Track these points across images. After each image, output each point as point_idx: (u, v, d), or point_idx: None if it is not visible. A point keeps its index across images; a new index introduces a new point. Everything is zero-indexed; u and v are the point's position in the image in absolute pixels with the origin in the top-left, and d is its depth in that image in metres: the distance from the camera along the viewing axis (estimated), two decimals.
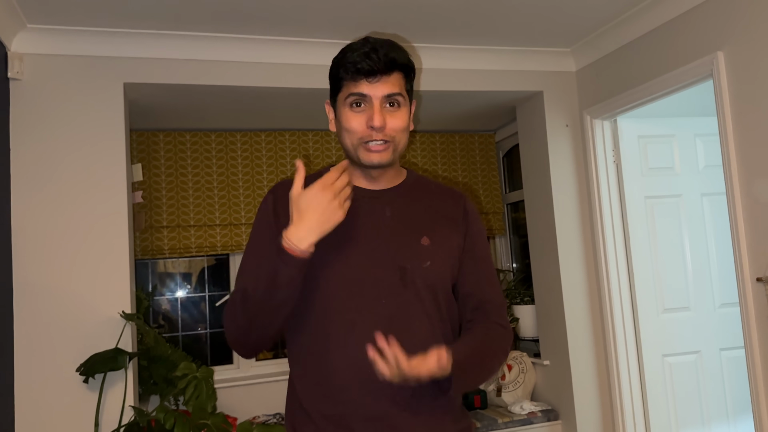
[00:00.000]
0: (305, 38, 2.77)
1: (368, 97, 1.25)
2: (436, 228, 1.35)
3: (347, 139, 1.29)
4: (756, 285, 2.27)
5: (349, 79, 1.26)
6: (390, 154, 1.28)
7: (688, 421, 3.00)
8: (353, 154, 1.30)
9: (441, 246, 1.33)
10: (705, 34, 2.45)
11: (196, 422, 2.25)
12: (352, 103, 1.27)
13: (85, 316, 2.44)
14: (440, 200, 1.41)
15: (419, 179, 1.44)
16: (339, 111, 1.31)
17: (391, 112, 1.27)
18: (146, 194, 3.32)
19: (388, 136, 1.27)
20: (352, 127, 1.27)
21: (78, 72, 2.55)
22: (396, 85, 1.27)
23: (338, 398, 1.24)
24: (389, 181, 1.37)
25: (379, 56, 1.24)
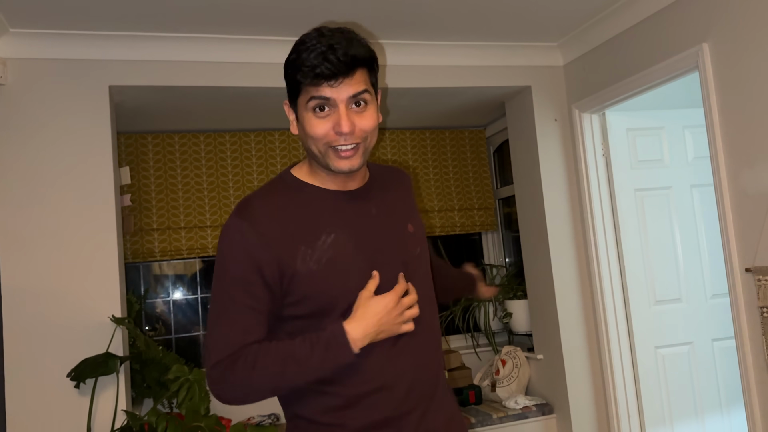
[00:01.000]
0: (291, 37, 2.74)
1: (332, 100, 1.16)
2: (410, 212, 1.38)
3: (313, 146, 1.20)
4: (745, 275, 2.27)
5: (308, 84, 1.16)
6: (360, 157, 1.21)
7: (682, 412, 3.01)
8: (321, 161, 1.22)
9: (420, 227, 1.37)
10: (690, 26, 2.45)
11: (190, 425, 2.25)
12: (315, 107, 1.18)
13: (75, 320, 2.43)
14: (398, 183, 1.42)
15: (374, 168, 1.40)
16: (301, 115, 1.21)
17: (358, 112, 1.19)
18: (136, 197, 3.30)
19: (358, 138, 1.19)
20: (317, 134, 1.18)
21: (63, 76, 2.53)
22: (360, 83, 1.18)
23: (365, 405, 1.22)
24: (361, 178, 1.32)
25: (338, 56, 1.14)
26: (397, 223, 1.32)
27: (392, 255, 1.27)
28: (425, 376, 1.27)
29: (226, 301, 1.19)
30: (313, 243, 1.20)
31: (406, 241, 1.30)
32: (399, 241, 1.29)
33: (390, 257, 1.26)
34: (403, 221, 1.33)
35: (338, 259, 1.21)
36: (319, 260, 1.19)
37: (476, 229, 3.97)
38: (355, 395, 1.20)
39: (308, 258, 1.19)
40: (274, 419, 3.26)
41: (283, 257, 1.17)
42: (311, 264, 1.18)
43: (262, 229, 1.18)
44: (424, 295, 1.29)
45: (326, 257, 1.20)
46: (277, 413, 3.34)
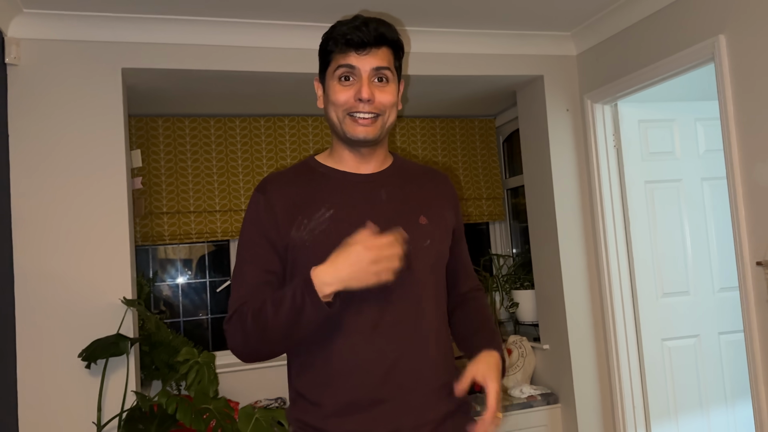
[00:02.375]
0: (305, 23, 2.75)
1: (357, 69, 1.25)
2: (430, 206, 1.36)
3: (333, 113, 1.28)
4: (756, 269, 2.27)
5: (338, 52, 1.26)
6: (378, 129, 1.28)
7: (687, 405, 3.02)
8: (339, 128, 1.29)
9: (438, 224, 1.34)
10: (706, 18, 2.43)
11: (198, 407, 2.26)
12: (341, 77, 1.26)
13: (86, 302, 2.45)
14: (428, 180, 1.42)
15: (405, 162, 1.44)
16: (327, 85, 1.30)
17: (379, 86, 1.27)
18: (146, 180, 3.31)
19: (376, 109, 1.26)
20: (338, 100, 1.26)
21: (76, 57, 2.53)
22: (384, 59, 1.27)
23: (340, 385, 1.23)
24: (379, 164, 1.36)
25: (369, 29, 1.25)
26: (409, 213, 1.31)
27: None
28: (409, 367, 1.24)
29: (241, 264, 1.28)
30: (311, 215, 1.26)
31: (413, 231, 1.29)
32: (404, 228, 1.27)
33: None
34: (416, 211, 1.32)
35: (332, 233, 1.23)
36: (313, 231, 1.24)
37: (484, 219, 3.97)
38: (331, 373, 1.23)
39: (303, 227, 1.25)
40: (281, 402, 3.29)
41: (283, 225, 1.25)
42: (304, 233, 1.24)
43: (271, 199, 1.28)
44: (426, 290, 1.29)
45: (320, 229, 1.24)
46: (284, 397, 3.36)
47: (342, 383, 1.23)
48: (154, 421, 2.30)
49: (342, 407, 1.23)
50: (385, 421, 1.22)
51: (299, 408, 1.28)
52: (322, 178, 1.32)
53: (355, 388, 1.22)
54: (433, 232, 1.32)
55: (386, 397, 1.22)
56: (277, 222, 1.25)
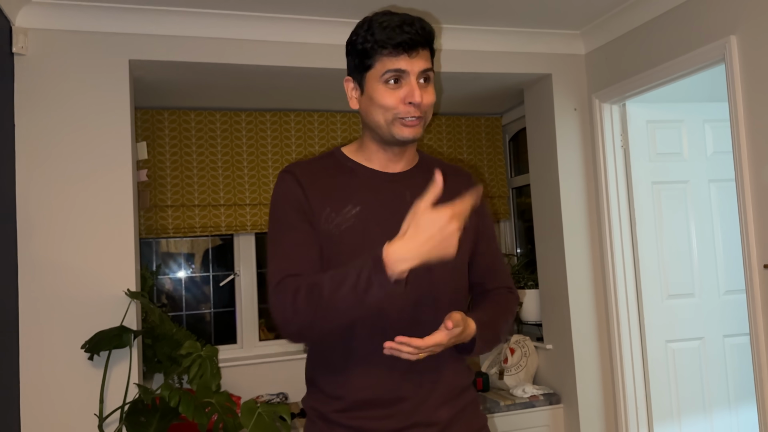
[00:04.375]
0: (313, 17, 2.74)
1: (406, 72, 1.23)
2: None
3: (381, 116, 1.25)
4: (763, 272, 2.26)
5: (386, 55, 1.23)
6: (422, 128, 1.28)
7: (690, 407, 3.01)
8: (385, 130, 1.27)
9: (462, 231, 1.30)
10: (717, 18, 2.42)
11: (201, 400, 2.26)
12: (389, 80, 1.24)
13: (90, 293, 2.44)
14: (453, 180, 1.37)
15: (431, 160, 1.44)
16: (370, 87, 1.26)
17: (424, 87, 1.26)
18: (150, 173, 3.30)
19: (422, 111, 1.26)
20: (388, 104, 1.24)
21: (83, 48, 2.52)
22: (428, 60, 1.27)
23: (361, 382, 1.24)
24: (407, 163, 1.36)
25: (416, 29, 1.23)
26: None
27: None
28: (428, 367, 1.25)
29: (278, 235, 1.26)
30: (339, 209, 1.26)
31: None
32: None
33: None
34: None
35: (357, 230, 1.24)
36: (339, 225, 1.25)
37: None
38: (352, 369, 1.24)
39: (330, 221, 1.25)
40: (283, 398, 3.29)
41: (315, 208, 1.26)
42: (331, 227, 1.25)
43: (301, 181, 1.28)
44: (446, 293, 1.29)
45: (346, 225, 1.25)
46: (286, 392, 3.36)
47: (363, 380, 1.24)
48: (156, 414, 2.30)
49: (362, 403, 1.24)
50: (402, 418, 1.24)
51: (317, 398, 1.30)
52: (350, 173, 1.32)
53: (376, 386, 1.24)
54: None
55: (405, 395, 1.24)
56: (309, 203, 1.26)
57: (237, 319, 3.59)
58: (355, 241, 1.23)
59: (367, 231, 1.24)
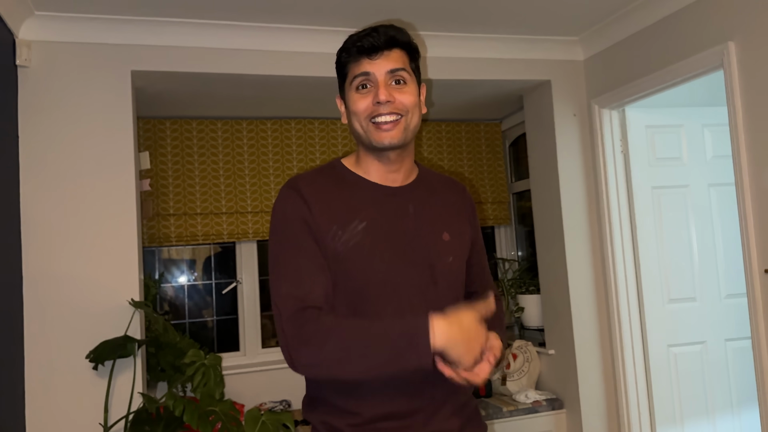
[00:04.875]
0: (311, 26, 2.76)
1: (372, 75, 1.25)
2: (452, 222, 1.36)
3: (356, 123, 1.27)
4: (764, 277, 2.27)
5: (352, 61, 1.26)
6: (401, 131, 1.25)
7: (693, 412, 3.01)
8: (365, 138, 1.27)
9: (458, 240, 1.35)
10: (716, 24, 2.43)
11: (205, 409, 2.26)
12: (358, 86, 1.26)
13: (94, 303, 2.45)
14: (449, 193, 1.42)
15: (428, 173, 1.44)
16: (347, 99, 1.29)
17: (397, 88, 1.26)
18: (153, 182, 3.32)
19: (397, 110, 1.24)
20: (358, 108, 1.26)
21: (86, 59, 2.54)
22: (399, 61, 1.26)
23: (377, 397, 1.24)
24: (406, 176, 1.35)
25: (379, 34, 1.25)
26: (433, 227, 1.32)
27: (421, 255, 1.28)
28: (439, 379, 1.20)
29: (286, 257, 1.23)
30: (346, 226, 1.24)
31: (439, 247, 1.31)
32: (431, 245, 1.30)
33: (418, 257, 1.27)
34: (440, 227, 1.33)
35: (365, 246, 1.24)
36: (347, 243, 1.23)
37: (489, 222, 3.97)
38: (368, 385, 1.23)
39: (338, 238, 1.23)
40: (286, 405, 3.29)
41: (319, 226, 1.23)
42: (339, 245, 1.23)
43: (306, 197, 1.25)
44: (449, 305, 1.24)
45: (354, 242, 1.24)
46: (289, 400, 3.37)
47: (378, 397, 1.23)
48: (160, 423, 2.31)
49: (379, 417, 1.24)
50: (417, 428, 1.25)
51: (329, 414, 1.27)
52: (353, 187, 1.31)
53: (392, 401, 1.24)
54: (454, 248, 1.33)
55: (419, 407, 1.25)
56: (316, 220, 1.23)
57: (239, 326, 3.60)
58: (362, 258, 1.23)
59: (374, 247, 1.24)
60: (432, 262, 1.28)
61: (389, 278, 1.24)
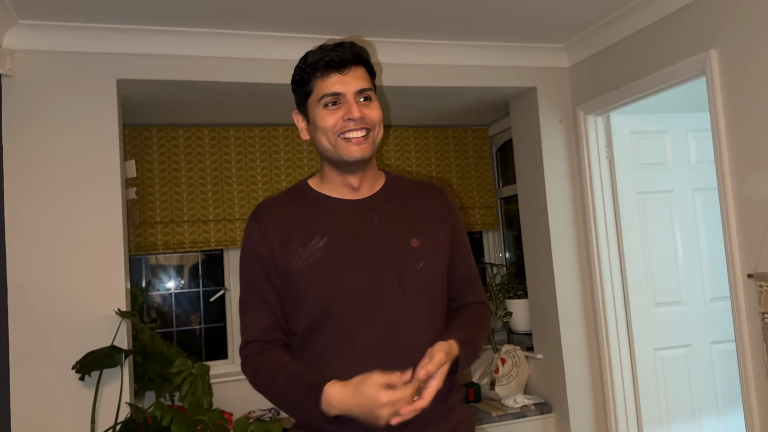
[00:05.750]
0: (297, 34, 2.76)
1: (342, 94, 1.26)
2: (423, 228, 1.34)
3: (324, 139, 1.28)
4: (747, 281, 2.30)
5: (319, 77, 1.27)
6: (370, 146, 1.28)
7: (679, 414, 3.04)
8: (332, 153, 1.28)
9: (431, 245, 1.33)
10: (698, 32, 2.47)
11: (193, 418, 2.25)
12: (327, 103, 1.27)
13: (80, 313, 2.44)
14: (422, 198, 1.40)
15: (398, 180, 1.43)
16: (312, 114, 1.30)
17: (365, 105, 1.28)
18: (139, 190, 3.31)
19: (366, 125, 1.27)
20: (327, 125, 1.26)
21: (71, 68, 2.53)
22: (365, 80, 1.29)
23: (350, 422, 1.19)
24: (371, 187, 1.36)
25: (345, 49, 1.27)
26: (400, 235, 1.31)
27: (387, 265, 1.27)
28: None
29: (244, 294, 1.33)
30: (306, 243, 1.27)
31: (406, 254, 1.29)
32: (397, 252, 1.29)
33: (384, 267, 1.27)
34: (407, 234, 1.32)
35: (327, 261, 1.25)
36: (308, 259, 1.25)
37: (477, 227, 3.99)
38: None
39: (298, 256, 1.26)
40: (275, 414, 3.28)
41: (279, 253, 1.27)
42: (300, 262, 1.26)
43: (264, 228, 1.29)
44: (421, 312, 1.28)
45: (315, 257, 1.25)
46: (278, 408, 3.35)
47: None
48: None
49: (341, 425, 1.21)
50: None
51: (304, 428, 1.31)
52: (315, 205, 1.33)
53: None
54: (425, 254, 1.31)
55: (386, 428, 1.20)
56: (273, 250, 1.27)
57: (228, 334, 3.58)
58: (325, 273, 1.24)
59: (336, 261, 1.25)
60: (399, 269, 1.27)
61: (353, 290, 1.24)
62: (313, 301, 1.25)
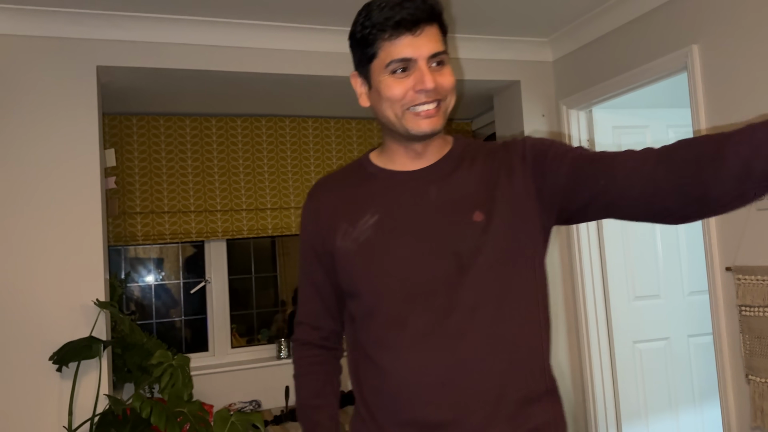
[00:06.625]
0: (281, 23, 2.74)
1: (412, 60, 1.07)
2: (491, 198, 1.12)
3: (389, 110, 1.11)
4: (725, 274, 2.33)
5: (386, 39, 1.07)
6: (442, 118, 1.11)
7: (657, 406, 3.08)
8: (398, 126, 1.11)
9: (501, 217, 1.10)
10: (680, 28, 2.49)
11: (173, 410, 2.23)
12: (395, 70, 1.08)
13: (58, 303, 2.40)
14: (494, 162, 1.16)
15: (467, 145, 1.21)
16: (376, 80, 1.11)
17: (438, 70, 1.09)
18: (119, 180, 3.26)
19: (439, 95, 1.09)
20: (395, 95, 1.09)
21: (49, 54, 2.48)
22: (439, 42, 1.09)
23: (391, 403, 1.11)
24: (434, 155, 1.18)
25: (417, 3, 1.07)
26: (461, 209, 1.12)
27: (442, 245, 1.10)
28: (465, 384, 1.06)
29: (299, 271, 1.30)
30: (356, 222, 1.16)
31: (466, 231, 1.10)
32: (455, 229, 1.10)
33: (439, 247, 1.10)
34: (469, 207, 1.12)
35: (375, 241, 1.13)
36: (357, 239, 1.15)
37: None
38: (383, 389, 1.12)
39: (347, 236, 1.16)
40: (256, 405, 3.27)
41: (327, 232, 1.19)
42: (348, 242, 1.15)
43: (317, 205, 1.23)
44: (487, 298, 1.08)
45: (364, 237, 1.14)
46: (259, 400, 3.34)
47: (393, 402, 1.10)
48: (127, 425, 2.27)
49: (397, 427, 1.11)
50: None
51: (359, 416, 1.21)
52: (370, 179, 1.20)
53: (407, 409, 1.08)
54: (491, 229, 1.09)
55: (443, 420, 1.06)
56: (322, 231, 1.20)
57: (208, 326, 3.55)
58: (373, 254, 1.12)
59: (385, 241, 1.12)
60: (457, 249, 1.09)
61: (402, 273, 1.10)
62: (361, 286, 1.14)
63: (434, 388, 1.07)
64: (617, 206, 1.03)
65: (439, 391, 1.06)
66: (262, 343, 3.66)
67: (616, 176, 1.01)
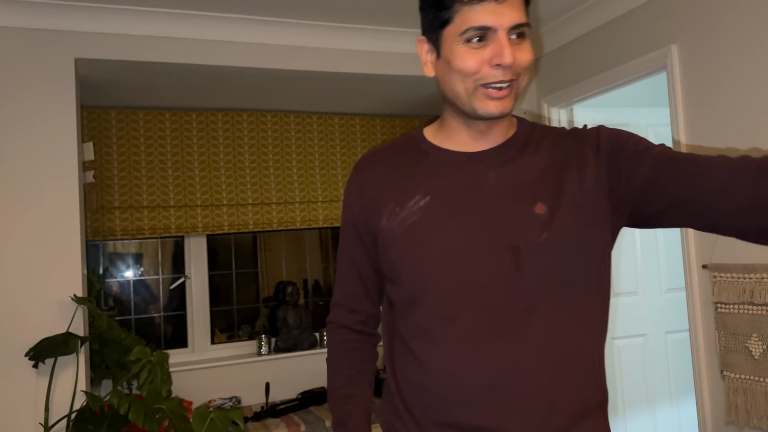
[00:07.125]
0: (264, 17, 2.72)
1: (492, 29, 0.95)
2: (556, 189, 1.02)
3: (459, 84, 1.00)
4: (702, 272, 2.36)
5: (466, 3, 0.95)
6: (512, 100, 1.00)
7: (634, 402, 3.12)
8: (465, 102, 1.01)
9: (566, 212, 1.01)
10: (660, 27, 2.51)
11: (151, 407, 2.21)
12: (471, 38, 0.96)
13: (34, 299, 2.36)
14: (562, 150, 1.06)
15: (534, 128, 1.11)
16: (447, 49, 1.00)
17: (517, 44, 0.98)
18: (97, 174, 3.22)
19: (515, 74, 0.98)
20: (469, 68, 0.97)
21: (26, 45, 2.44)
22: (523, 12, 0.99)
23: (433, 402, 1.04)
24: (498, 137, 1.08)
25: None
26: (521, 198, 1.02)
27: (498, 236, 1.01)
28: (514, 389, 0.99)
29: (339, 249, 1.23)
30: (405, 202, 1.07)
31: (526, 223, 1.00)
32: (514, 220, 1.01)
33: (495, 239, 1.01)
34: (531, 197, 1.02)
35: (425, 225, 1.04)
36: (404, 221, 1.06)
37: None
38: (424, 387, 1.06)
39: (394, 217, 1.08)
40: (236, 402, 3.25)
41: (372, 210, 1.11)
42: (395, 224, 1.07)
43: (362, 180, 1.14)
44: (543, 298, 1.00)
45: (412, 220, 1.05)
46: (239, 396, 3.32)
47: (434, 401, 1.04)
48: (104, 421, 2.25)
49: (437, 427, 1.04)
50: None
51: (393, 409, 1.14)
52: (423, 158, 1.10)
53: (450, 410, 1.02)
54: (554, 223, 1.00)
55: (486, 425, 1.00)
56: (366, 208, 1.12)
57: (188, 322, 3.53)
58: (422, 239, 1.03)
59: (436, 226, 1.03)
60: (515, 243, 1.00)
61: (452, 263, 1.01)
62: (407, 272, 1.05)
63: (481, 392, 1.00)
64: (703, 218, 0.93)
65: (486, 395, 0.99)
66: (243, 339, 3.65)
67: (705, 185, 0.91)
